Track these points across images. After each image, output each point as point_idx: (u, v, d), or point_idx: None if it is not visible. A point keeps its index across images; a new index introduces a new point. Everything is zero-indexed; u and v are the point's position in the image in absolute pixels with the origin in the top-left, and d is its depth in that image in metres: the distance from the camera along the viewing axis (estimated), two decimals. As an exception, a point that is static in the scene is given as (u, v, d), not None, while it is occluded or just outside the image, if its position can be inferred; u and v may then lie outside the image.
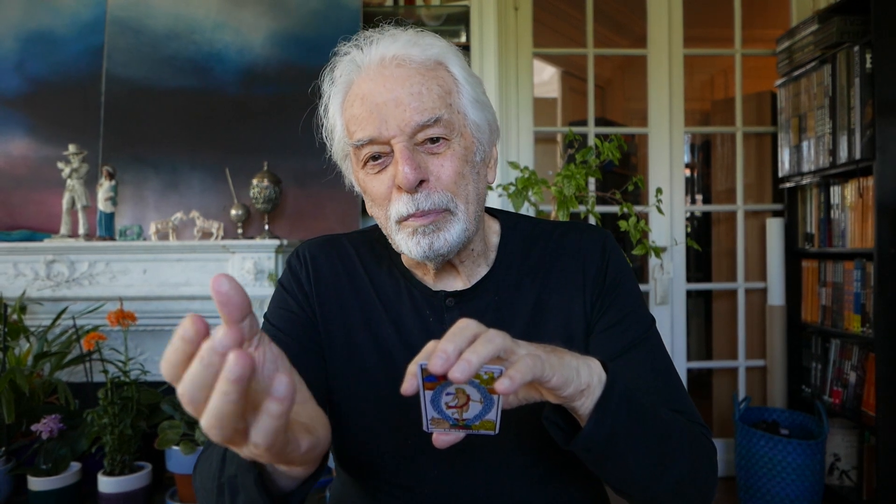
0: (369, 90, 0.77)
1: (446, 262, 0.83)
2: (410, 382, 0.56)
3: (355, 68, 0.80)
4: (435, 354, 0.54)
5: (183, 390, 0.41)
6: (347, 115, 0.80)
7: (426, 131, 0.76)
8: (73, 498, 2.13)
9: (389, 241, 0.83)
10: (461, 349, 0.54)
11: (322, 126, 0.87)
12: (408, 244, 0.78)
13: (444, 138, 0.77)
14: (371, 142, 0.76)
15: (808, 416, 2.46)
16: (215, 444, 0.71)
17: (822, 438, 2.28)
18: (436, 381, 0.56)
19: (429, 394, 0.57)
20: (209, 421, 0.41)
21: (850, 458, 2.46)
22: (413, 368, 0.56)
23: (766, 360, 2.80)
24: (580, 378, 0.62)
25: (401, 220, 0.78)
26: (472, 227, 0.80)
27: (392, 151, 0.76)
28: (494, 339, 0.56)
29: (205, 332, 0.43)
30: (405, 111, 0.75)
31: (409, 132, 0.75)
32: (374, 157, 0.78)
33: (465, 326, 0.56)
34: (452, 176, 0.77)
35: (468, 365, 0.53)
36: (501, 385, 0.54)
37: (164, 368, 0.43)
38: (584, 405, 0.63)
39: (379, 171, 0.78)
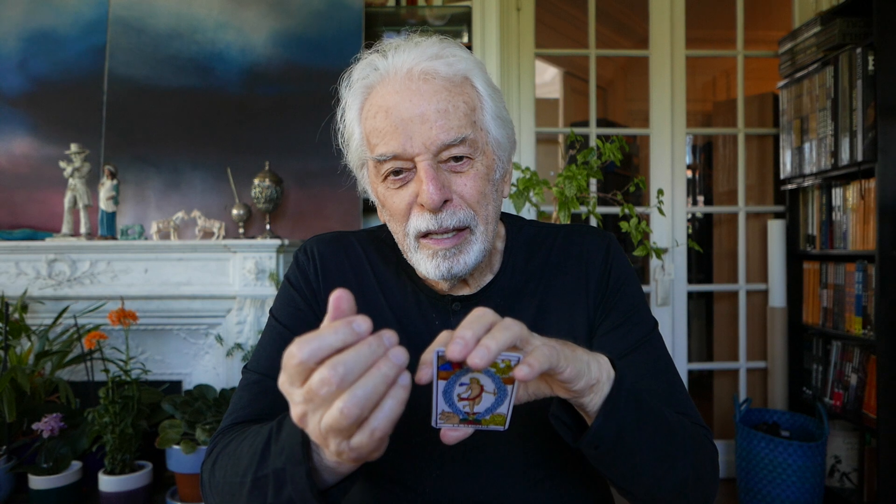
0: (394, 103, 0.75)
1: None
2: (425, 371, 0.55)
3: (374, 73, 0.78)
4: (453, 341, 0.53)
5: (338, 369, 0.47)
6: (369, 125, 0.78)
7: (451, 150, 0.75)
8: (73, 496, 2.14)
9: (404, 255, 0.83)
10: (479, 336, 0.54)
11: (339, 131, 0.85)
12: (426, 265, 0.78)
13: (467, 157, 0.77)
14: (394, 157, 0.76)
15: (809, 417, 2.45)
16: (245, 440, 0.71)
17: (822, 440, 2.27)
18: (451, 369, 0.56)
19: (442, 384, 0.56)
20: (357, 401, 0.47)
21: (851, 461, 2.45)
22: (428, 356, 0.56)
23: (767, 361, 2.80)
24: (591, 372, 0.62)
25: (420, 237, 0.78)
26: (489, 246, 0.80)
27: (415, 167, 0.76)
28: (512, 327, 0.56)
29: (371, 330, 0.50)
30: (431, 129, 0.74)
31: (434, 150, 0.75)
32: (396, 172, 0.77)
33: (481, 315, 0.56)
34: (475, 195, 0.77)
35: (487, 351, 0.53)
36: (521, 371, 0.54)
37: (310, 346, 0.48)
38: (593, 401, 0.64)
39: (400, 187, 0.78)
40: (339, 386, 0.47)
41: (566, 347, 0.61)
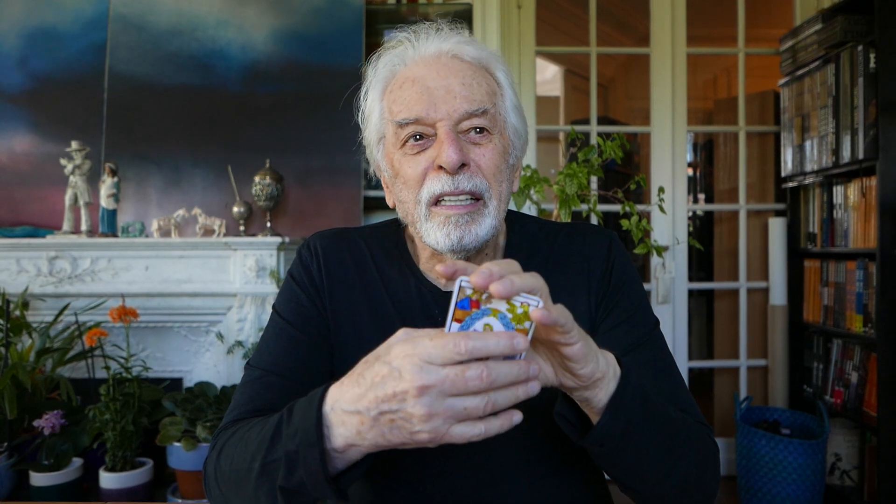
0: (421, 74, 0.79)
1: None
2: (449, 268, 0.58)
3: (402, 63, 0.82)
4: (478, 271, 0.55)
5: (492, 373, 0.54)
6: (392, 97, 0.81)
7: (472, 120, 0.78)
8: (74, 493, 2.14)
9: (412, 230, 0.83)
10: (504, 274, 0.56)
11: (360, 108, 0.87)
12: (436, 234, 0.78)
13: (487, 130, 0.79)
14: (417, 121, 0.78)
15: (810, 415, 2.45)
16: (252, 429, 0.71)
17: (823, 438, 2.27)
18: (468, 308, 0.57)
19: (455, 327, 0.57)
20: (493, 403, 0.55)
21: (852, 459, 2.46)
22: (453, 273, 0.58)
23: (767, 359, 2.80)
24: (598, 362, 0.62)
25: (432, 203, 0.78)
26: (498, 225, 0.81)
27: (435, 135, 0.78)
28: (536, 277, 0.58)
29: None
30: (455, 98, 0.77)
31: (456, 118, 0.77)
32: (416, 138, 0.79)
33: (509, 262, 0.59)
34: (492, 168, 0.79)
35: (511, 283, 0.55)
36: (537, 312, 0.55)
37: (477, 344, 0.54)
38: (598, 396, 0.64)
39: (418, 152, 0.79)
40: (487, 386, 0.54)
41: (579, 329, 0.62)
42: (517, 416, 0.57)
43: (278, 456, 0.64)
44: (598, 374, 0.62)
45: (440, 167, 0.76)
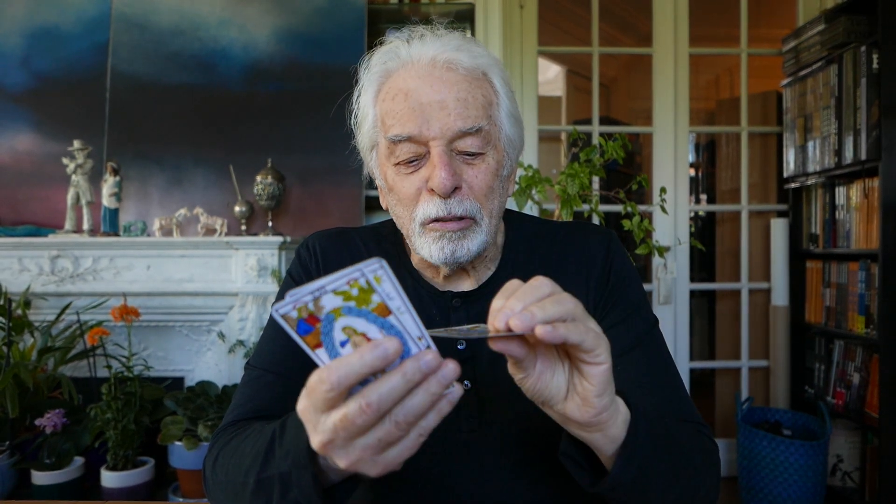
0: (415, 87, 0.76)
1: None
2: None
3: (395, 59, 0.80)
4: (493, 314, 0.52)
5: (371, 399, 0.47)
6: (385, 107, 0.79)
7: (465, 139, 0.76)
8: (76, 492, 2.14)
9: (408, 241, 0.83)
10: (525, 305, 0.51)
11: (353, 113, 0.86)
12: (430, 249, 0.78)
13: (479, 153, 0.78)
14: (410, 139, 0.76)
15: (811, 416, 2.45)
16: (247, 439, 0.70)
17: (824, 439, 2.27)
18: (311, 329, 0.48)
19: (322, 354, 0.49)
20: (403, 423, 0.49)
21: (853, 460, 2.45)
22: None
23: (769, 360, 2.80)
24: (614, 401, 0.59)
25: (426, 223, 0.78)
26: (491, 240, 0.81)
27: (428, 153, 0.77)
28: (564, 301, 0.52)
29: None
30: (449, 115, 0.75)
31: (449, 136, 0.75)
32: (409, 161, 0.77)
33: (538, 285, 0.53)
34: (484, 189, 0.78)
35: (531, 316, 0.50)
36: (542, 330, 0.49)
37: (339, 373, 0.47)
38: (600, 441, 0.60)
39: (411, 172, 0.78)
40: (376, 415, 0.48)
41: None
42: (455, 393, 0.50)
43: (272, 474, 0.63)
44: (605, 414, 0.58)
45: (433, 189, 0.76)
